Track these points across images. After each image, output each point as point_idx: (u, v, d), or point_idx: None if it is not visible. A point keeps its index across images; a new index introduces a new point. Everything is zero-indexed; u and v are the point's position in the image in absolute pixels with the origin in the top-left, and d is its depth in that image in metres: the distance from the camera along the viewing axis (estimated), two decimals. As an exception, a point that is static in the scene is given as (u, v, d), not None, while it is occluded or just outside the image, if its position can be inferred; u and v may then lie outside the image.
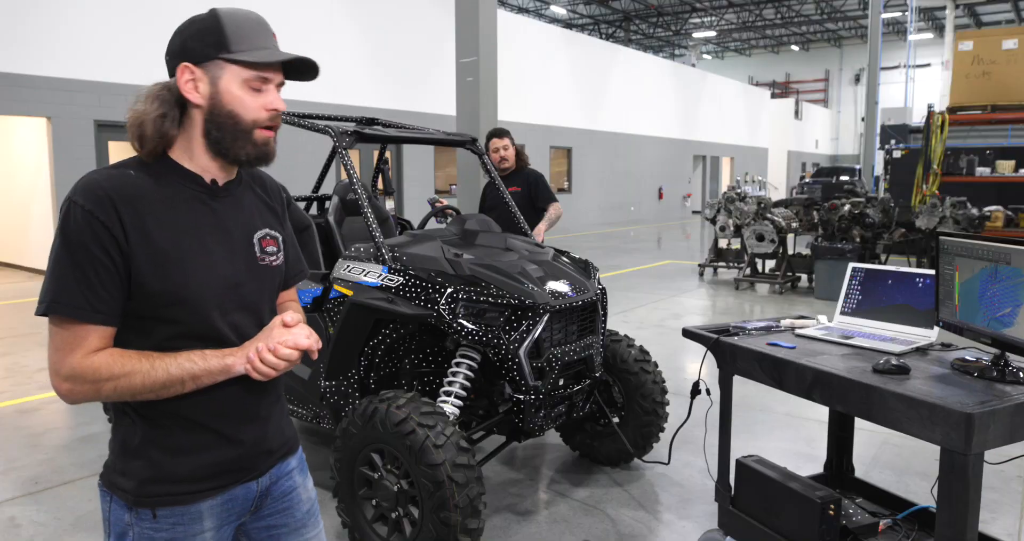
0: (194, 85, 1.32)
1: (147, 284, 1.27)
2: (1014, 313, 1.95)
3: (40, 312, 1.25)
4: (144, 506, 1.34)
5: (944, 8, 31.22)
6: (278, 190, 1.58)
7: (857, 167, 28.46)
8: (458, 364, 3.06)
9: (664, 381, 3.72)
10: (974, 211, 8.86)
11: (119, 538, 1.36)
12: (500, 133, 4.99)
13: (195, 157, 1.37)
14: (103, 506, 1.38)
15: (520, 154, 5.07)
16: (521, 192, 4.92)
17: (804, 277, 10.18)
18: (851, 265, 2.70)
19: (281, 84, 1.40)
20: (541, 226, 4.78)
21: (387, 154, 4.64)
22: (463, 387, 3.02)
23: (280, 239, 1.50)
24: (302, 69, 1.41)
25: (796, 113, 37.39)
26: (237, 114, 1.33)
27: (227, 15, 1.34)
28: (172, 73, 1.35)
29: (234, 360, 1.31)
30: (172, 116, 1.33)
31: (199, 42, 1.32)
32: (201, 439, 1.36)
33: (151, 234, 1.27)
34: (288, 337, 1.32)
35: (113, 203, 1.24)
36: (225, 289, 1.36)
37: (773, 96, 38.11)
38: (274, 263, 1.47)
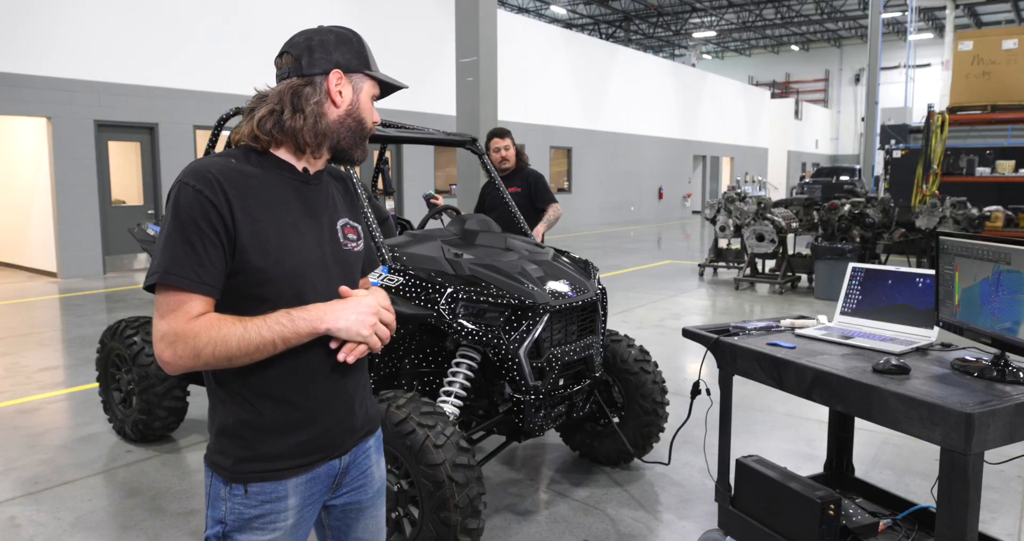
0: (339, 90, 1.48)
1: (250, 261, 1.37)
2: (1014, 313, 1.95)
3: (152, 282, 1.34)
4: (238, 481, 1.43)
5: (944, 8, 31.22)
6: (352, 181, 1.70)
7: (857, 167, 28.46)
8: (458, 364, 3.06)
9: (664, 381, 3.72)
10: (974, 211, 8.86)
11: (214, 511, 1.46)
12: (501, 133, 4.98)
13: (281, 150, 1.48)
14: (206, 481, 1.49)
15: (520, 154, 5.06)
16: (521, 192, 4.91)
17: (804, 277, 10.18)
18: (851, 265, 2.70)
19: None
20: (540, 228, 4.77)
21: (387, 154, 4.64)
22: (463, 387, 3.02)
23: (359, 228, 1.62)
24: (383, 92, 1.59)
25: (796, 113, 37.39)
26: (364, 121, 1.52)
27: (355, 34, 1.53)
28: (299, 73, 1.46)
29: (322, 322, 1.38)
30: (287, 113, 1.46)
31: (349, 54, 1.49)
32: (290, 417, 1.44)
33: (254, 214, 1.39)
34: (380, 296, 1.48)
35: (221, 185, 1.36)
36: (317, 270, 1.47)
37: (773, 96, 38.11)
38: (355, 249, 1.58)
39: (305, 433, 1.46)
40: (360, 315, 1.40)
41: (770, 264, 10.39)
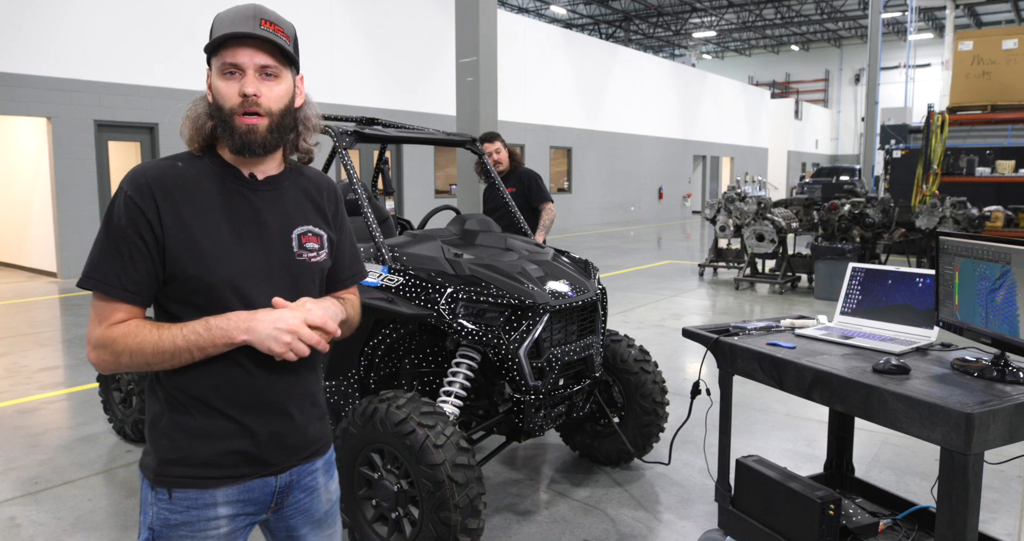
0: (208, 87, 1.42)
1: (181, 268, 1.34)
2: (1014, 313, 1.95)
3: (77, 284, 1.36)
4: (162, 485, 1.40)
5: (944, 8, 31.22)
6: (332, 191, 1.59)
7: (857, 167, 28.46)
8: (458, 364, 3.06)
9: (664, 381, 3.72)
10: (974, 211, 8.86)
11: (144, 516, 1.43)
12: (490, 137, 4.97)
13: (225, 152, 1.44)
14: (141, 485, 1.46)
15: (513, 155, 5.07)
16: (517, 192, 4.92)
17: (804, 277, 10.18)
18: (851, 265, 2.70)
19: (266, 69, 1.38)
20: (538, 236, 4.78)
21: (387, 154, 4.64)
22: (463, 387, 3.02)
23: (324, 237, 1.51)
24: (288, 57, 1.40)
25: (796, 113, 37.38)
26: (219, 105, 1.38)
27: (220, 14, 1.39)
28: None
29: (238, 332, 1.32)
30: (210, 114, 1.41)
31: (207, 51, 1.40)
32: (219, 425, 1.40)
33: (186, 221, 1.35)
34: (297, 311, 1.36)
35: (152, 191, 1.34)
36: (259, 279, 1.40)
37: (773, 96, 38.10)
38: (312, 259, 1.48)
39: (233, 443, 1.40)
40: (275, 330, 1.31)
41: (770, 264, 10.39)
